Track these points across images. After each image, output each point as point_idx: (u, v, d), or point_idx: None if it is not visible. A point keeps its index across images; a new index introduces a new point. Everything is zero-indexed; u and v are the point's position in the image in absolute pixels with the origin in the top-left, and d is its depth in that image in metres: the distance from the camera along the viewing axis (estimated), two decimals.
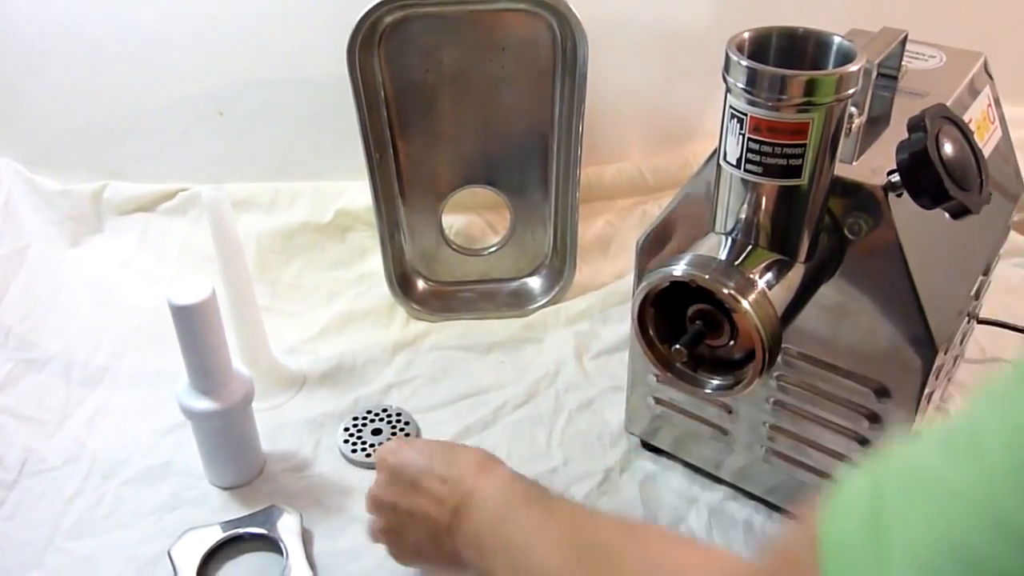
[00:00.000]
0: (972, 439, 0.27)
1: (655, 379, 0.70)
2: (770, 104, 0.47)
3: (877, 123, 0.61)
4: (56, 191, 0.97)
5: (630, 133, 1.03)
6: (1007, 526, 0.25)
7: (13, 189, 0.95)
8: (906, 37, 0.62)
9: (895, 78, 0.64)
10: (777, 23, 0.52)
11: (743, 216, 0.52)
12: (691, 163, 1.01)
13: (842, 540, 0.29)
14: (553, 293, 0.93)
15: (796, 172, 0.49)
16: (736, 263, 0.51)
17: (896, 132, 0.56)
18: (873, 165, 0.56)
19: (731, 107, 0.49)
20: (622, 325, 0.89)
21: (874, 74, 0.55)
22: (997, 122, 0.71)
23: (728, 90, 0.49)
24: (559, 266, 0.94)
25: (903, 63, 0.64)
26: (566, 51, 0.83)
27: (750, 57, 0.48)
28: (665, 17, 0.96)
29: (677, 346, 0.52)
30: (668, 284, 0.51)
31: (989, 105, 0.70)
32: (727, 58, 0.48)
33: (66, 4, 0.90)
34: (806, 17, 0.56)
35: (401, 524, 0.57)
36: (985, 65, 0.71)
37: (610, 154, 1.02)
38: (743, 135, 0.49)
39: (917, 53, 0.70)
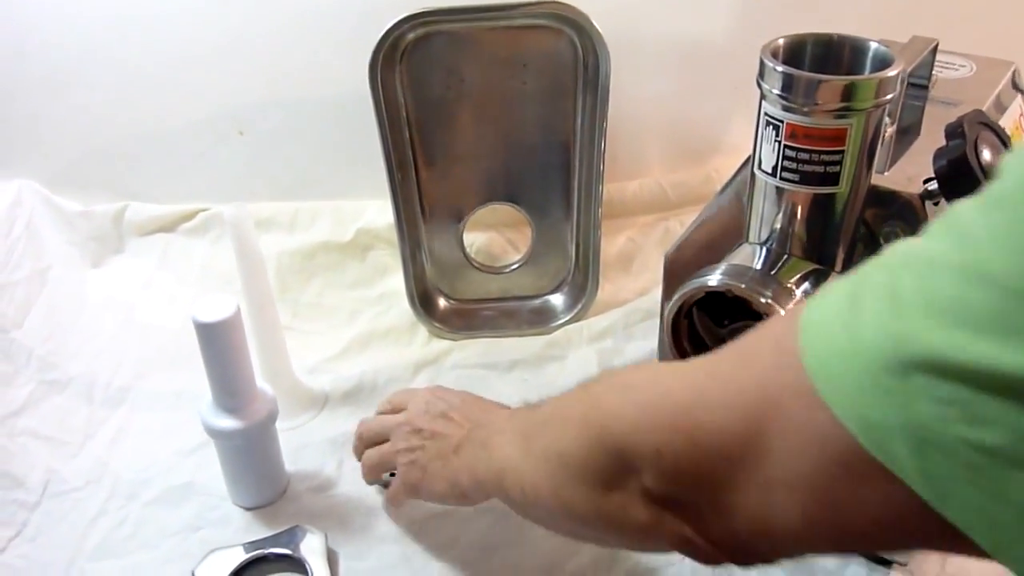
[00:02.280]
0: (956, 225, 0.28)
1: None
2: (807, 110, 0.46)
3: (908, 133, 0.61)
4: (77, 212, 0.97)
5: (651, 148, 1.02)
6: (986, 277, 0.25)
7: (35, 210, 0.95)
8: (936, 46, 0.61)
9: (925, 87, 0.63)
10: None
11: (778, 226, 0.52)
12: (713, 178, 1.01)
13: (819, 315, 0.31)
14: (576, 310, 0.92)
15: (834, 179, 0.48)
16: (772, 272, 0.51)
17: (927, 141, 0.55)
18: (908, 174, 0.55)
19: (766, 114, 0.48)
20: (646, 342, 0.88)
21: (905, 83, 0.55)
22: None
23: (763, 97, 0.48)
24: (582, 283, 0.93)
25: (933, 72, 0.64)
26: (588, 67, 0.83)
27: (785, 64, 0.47)
28: (686, 32, 0.95)
29: None
30: (703, 295, 0.50)
31: (1021, 115, 0.69)
32: (762, 64, 0.48)
33: (86, 26, 0.90)
34: (832, 28, 0.55)
35: (421, 445, 0.62)
36: (1015, 75, 0.70)
37: (632, 170, 1.01)
38: (779, 142, 0.48)
39: (947, 63, 0.69)
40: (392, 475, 0.68)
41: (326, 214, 0.98)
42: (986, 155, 0.50)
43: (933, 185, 0.51)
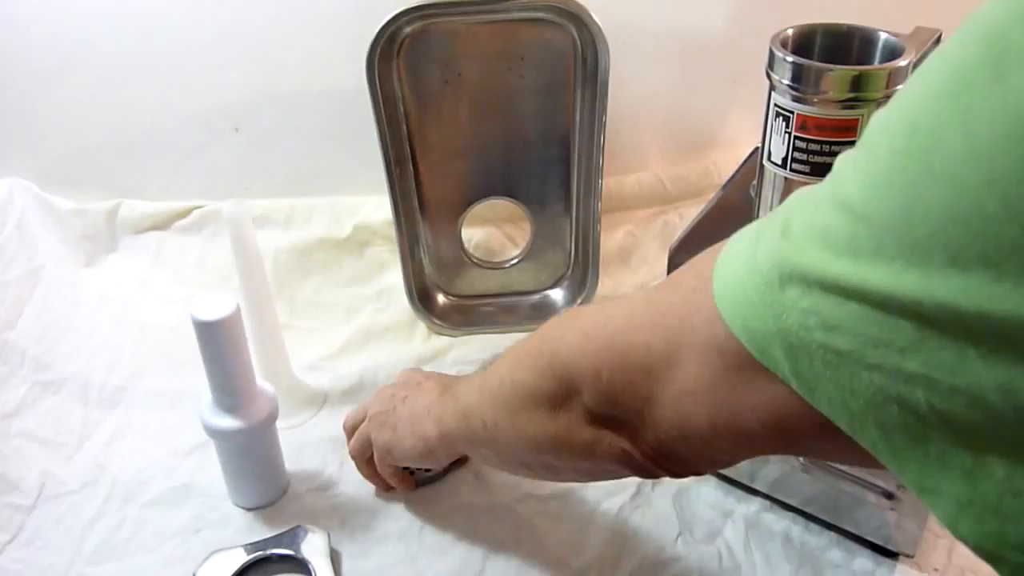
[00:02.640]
0: (836, 167, 0.31)
1: None
2: (817, 100, 0.46)
3: None
4: (70, 210, 0.96)
5: (650, 142, 1.02)
6: (845, 206, 0.29)
7: (26, 209, 0.94)
8: (940, 37, 0.61)
9: None
10: None
11: None
12: (712, 172, 1.00)
13: (732, 247, 0.35)
14: (576, 305, 0.92)
15: None
16: None
17: None
18: None
19: (776, 105, 0.48)
20: None
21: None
22: None
23: (772, 88, 0.48)
24: (581, 278, 0.92)
25: None
26: (586, 60, 0.82)
27: (794, 54, 0.47)
28: (685, 25, 0.95)
29: None
30: None
31: None
32: (771, 54, 0.47)
33: (78, 21, 0.89)
34: (833, 21, 0.55)
35: (394, 407, 0.66)
36: None
37: (630, 164, 1.01)
38: (789, 133, 0.48)
39: None
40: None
41: (323, 210, 0.97)
42: None
43: None
